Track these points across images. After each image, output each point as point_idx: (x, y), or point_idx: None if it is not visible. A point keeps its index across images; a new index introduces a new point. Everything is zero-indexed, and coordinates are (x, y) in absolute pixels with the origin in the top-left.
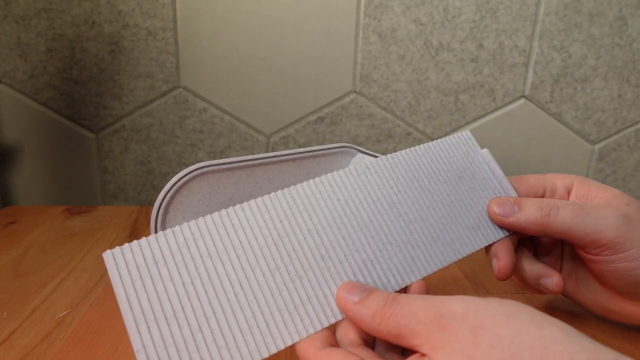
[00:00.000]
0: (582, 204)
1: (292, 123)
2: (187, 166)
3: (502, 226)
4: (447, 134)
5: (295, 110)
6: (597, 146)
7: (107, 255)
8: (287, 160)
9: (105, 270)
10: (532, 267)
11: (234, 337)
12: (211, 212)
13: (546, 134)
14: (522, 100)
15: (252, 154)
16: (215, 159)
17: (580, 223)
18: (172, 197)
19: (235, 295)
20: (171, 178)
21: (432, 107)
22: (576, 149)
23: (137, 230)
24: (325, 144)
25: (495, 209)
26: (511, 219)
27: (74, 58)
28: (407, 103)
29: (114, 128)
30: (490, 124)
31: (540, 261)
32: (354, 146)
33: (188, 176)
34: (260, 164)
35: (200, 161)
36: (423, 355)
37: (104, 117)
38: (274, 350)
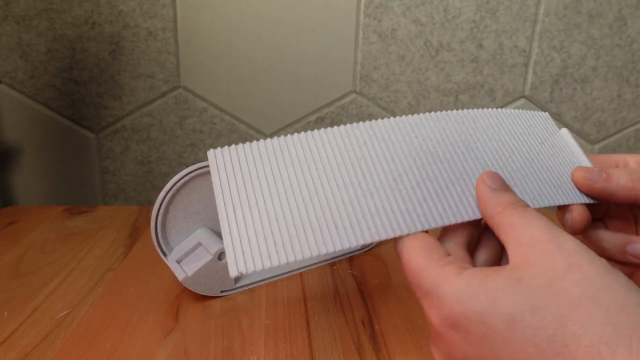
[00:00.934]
0: None
1: (292, 123)
2: (187, 166)
3: (589, 193)
4: None
5: (295, 110)
6: (597, 146)
7: (210, 153)
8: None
9: (106, 270)
10: (613, 237)
11: (304, 231)
12: (212, 212)
13: None
14: (522, 101)
15: None
16: None
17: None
18: (172, 197)
19: (310, 198)
20: (171, 178)
21: (432, 107)
22: None
23: (137, 230)
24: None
25: (584, 174)
26: (601, 184)
27: (75, 58)
28: (407, 103)
29: (114, 128)
30: None
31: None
32: None
33: (188, 176)
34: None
35: (201, 161)
36: (518, 263)
37: (105, 117)
38: (337, 248)
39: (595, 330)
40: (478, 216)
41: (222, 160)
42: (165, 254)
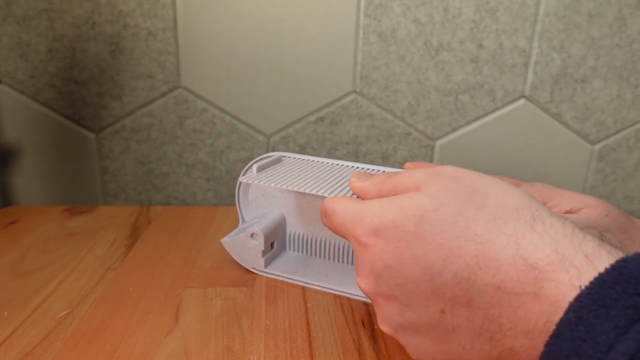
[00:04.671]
0: None
1: (292, 123)
2: (187, 166)
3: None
4: (446, 134)
5: (295, 110)
6: (596, 146)
7: None
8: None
9: (106, 270)
10: None
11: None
12: (286, 199)
13: (546, 134)
14: (522, 101)
15: (252, 154)
16: (215, 159)
17: None
18: (256, 171)
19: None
20: (171, 178)
21: (432, 108)
22: (576, 149)
23: (137, 230)
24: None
25: (356, 174)
26: (357, 185)
27: (75, 58)
28: (407, 103)
29: (115, 128)
30: (490, 124)
31: None
32: None
33: (274, 157)
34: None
35: (201, 161)
36: (417, 190)
37: (105, 118)
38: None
39: (488, 211)
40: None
41: None
42: (243, 219)
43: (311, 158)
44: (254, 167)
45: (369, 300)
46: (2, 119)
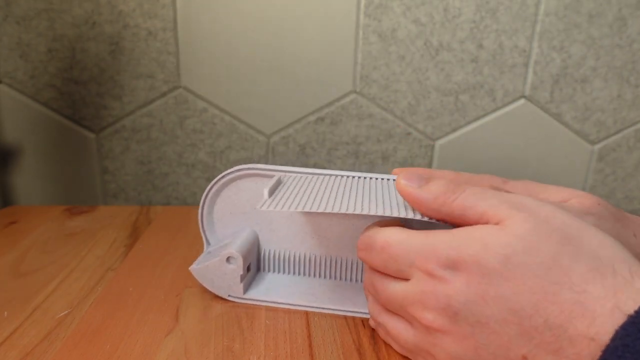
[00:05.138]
0: None
1: (292, 123)
2: (187, 166)
3: (405, 199)
4: (447, 134)
5: (295, 110)
6: (596, 146)
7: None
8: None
9: (106, 270)
10: None
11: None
12: (259, 217)
13: (546, 135)
14: (522, 101)
15: (252, 154)
16: (215, 159)
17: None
18: (219, 189)
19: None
20: (171, 178)
21: (432, 108)
22: (576, 149)
23: (137, 230)
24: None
25: (404, 177)
26: (415, 190)
27: (75, 58)
28: (407, 103)
29: (115, 128)
30: (490, 124)
31: None
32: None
33: (237, 173)
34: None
35: (201, 161)
36: (496, 223)
37: (105, 117)
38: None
39: (584, 261)
40: (414, 216)
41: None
42: (208, 242)
43: (310, 172)
44: (265, 192)
45: (366, 316)
46: (2, 119)
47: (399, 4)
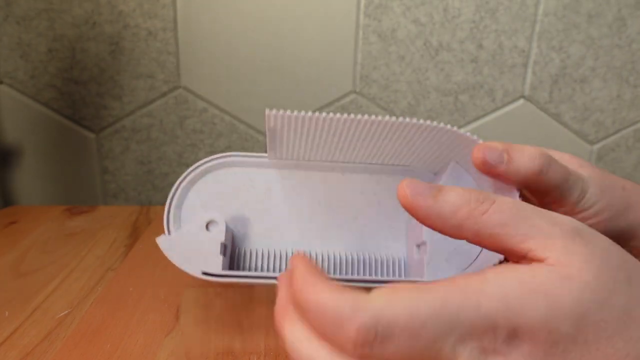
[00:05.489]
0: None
1: None
2: (187, 166)
3: (489, 175)
4: None
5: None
6: (595, 146)
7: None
8: (335, 170)
9: (106, 270)
10: None
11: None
12: (236, 211)
13: (545, 134)
14: (522, 101)
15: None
16: None
17: (568, 183)
18: (194, 179)
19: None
20: (171, 178)
21: (432, 108)
22: (575, 149)
23: (137, 230)
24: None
25: (484, 155)
26: (503, 167)
27: (75, 58)
28: (407, 103)
29: (115, 128)
30: (489, 124)
31: None
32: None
33: (214, 162)
34: (298, 166)
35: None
36: (539, 261)
37: (105, 118)
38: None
39: None
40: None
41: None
42: (169, 232)
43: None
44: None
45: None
46: (3, 119)
47: (398, 4)
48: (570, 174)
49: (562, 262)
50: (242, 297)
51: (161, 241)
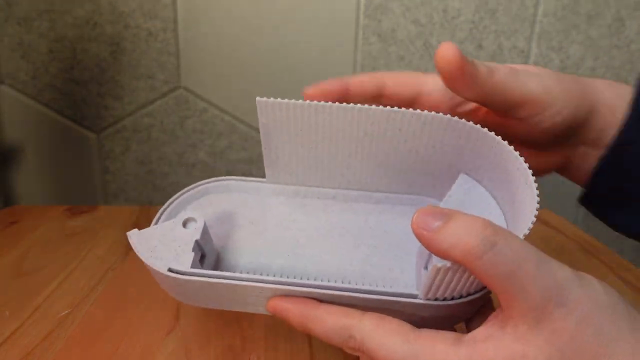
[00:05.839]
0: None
1: None
2: (187, 166)
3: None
4: None
5: None
6: None
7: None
8: (337, 198)
9: (106, 270)
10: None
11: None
12: (225, 232)
13: None
14: None
15: (252, 154)
16: (215, 159)
17: (515, 81)
18: (189, 198)
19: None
20: (172, 178)
21: None
22: None
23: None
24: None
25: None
26: (467, 67)
27: (76, 59)
28: None
29: (115, 128)
30: None
31: None
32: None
33: (212, 184)
34: (296, 194)
35: (201, 161)
36: (509, 318)
37: (105, 118)
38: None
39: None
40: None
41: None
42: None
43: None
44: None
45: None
46: (4, 119)
47: (398, 4)
48: (517, 70)
49: (526, 337)
50: None
51: (132, 234)
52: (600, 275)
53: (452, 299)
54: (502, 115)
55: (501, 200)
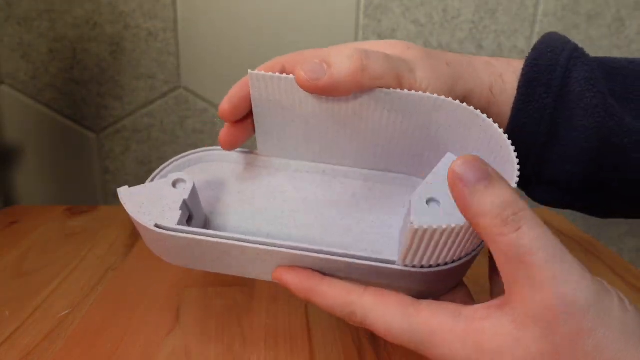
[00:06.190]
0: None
1: None
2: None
3: (316, 92)
4: None
5: None
6: None
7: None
8: (327, 173)
9: (107, 270)
10: None
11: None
12: (214, 197)
13: None
14: None
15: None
16: None
17: (391, 67)
18: (181, 165)
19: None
20: None
21: None
22: None
23: (138, 230)
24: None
25: (304, 71)
26: (325, 79)
27: (76, 59)
28: None
29: (115, 128)
30: None
31: None
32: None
33: (204, 153)
34: (286, 167)
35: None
36: (509, 301)
37: (105, 118)
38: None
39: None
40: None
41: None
42: None
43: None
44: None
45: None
46: (4, 119)
47: (398, 4)
48: (390, 58)
49: (524, 323)
50: (242, 297)
51: (121, 191)
52: (600, 275)
53: (430, 267)
54: None
55: None
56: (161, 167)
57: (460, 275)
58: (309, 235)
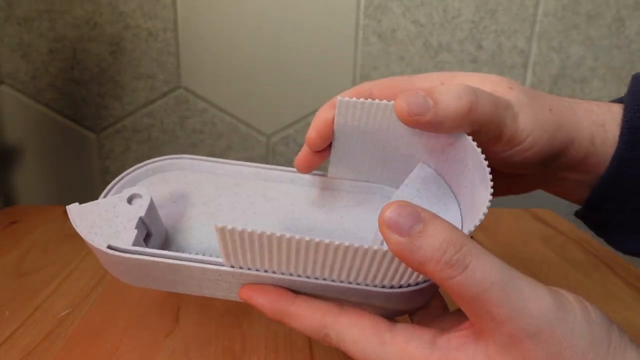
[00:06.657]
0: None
1: (292, 123)
2: None
3: (417, 127)
4: None
5: (295, 110)
6: None
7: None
8: (295, 182)
9: (106, 270)
10: None
11: None
12: (176, 211)
13: None
14: None
15: (252, 154)
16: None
17: (498, 113)
18: (140, 176)
19: None
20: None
21: None
22: None
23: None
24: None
25: (408, 106)
26: (429, 116)
27: (76, 59)
28: None
29: (115, 128)
30: None
31: None
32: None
33: (165, 162)
34: (256, 176)
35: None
36: (481, 334)
37: (105, 118)
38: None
39: None
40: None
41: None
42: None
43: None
44: None
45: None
46: (4, 119)
47: (398, 4)
48: (498, 102)
49: (495, 358)
50: None
51: (71, 208)
52: (600, 275)
53: (409, 285)
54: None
55: (458, 191)
56: (115, 180)
57: (436, 290)
58: None
